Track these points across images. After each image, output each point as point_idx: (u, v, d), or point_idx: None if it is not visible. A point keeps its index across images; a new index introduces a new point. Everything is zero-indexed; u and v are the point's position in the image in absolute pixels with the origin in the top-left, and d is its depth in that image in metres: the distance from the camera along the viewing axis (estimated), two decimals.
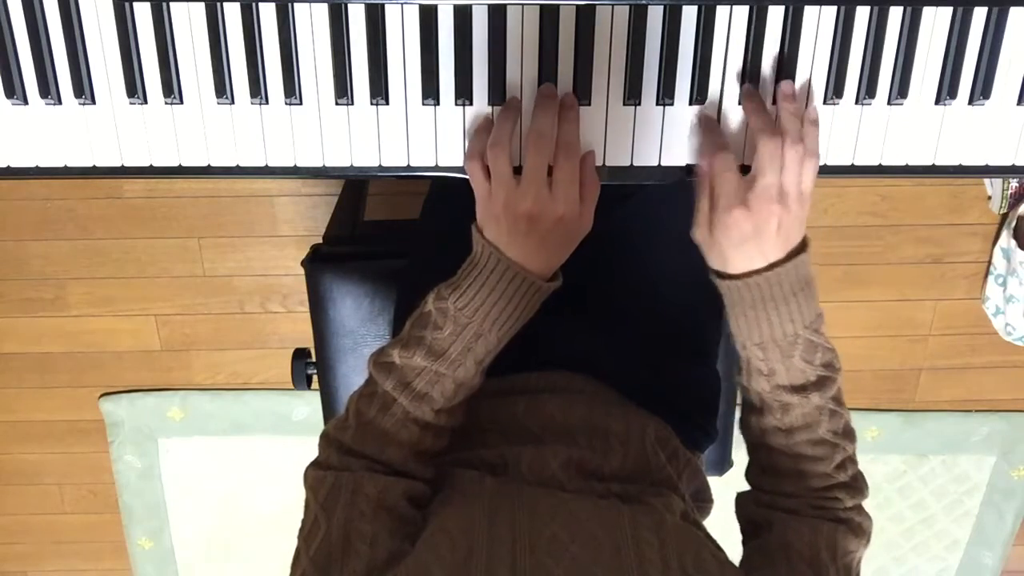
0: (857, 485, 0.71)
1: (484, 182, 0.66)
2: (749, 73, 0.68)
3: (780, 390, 0.69)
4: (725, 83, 0.69)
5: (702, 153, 0.69)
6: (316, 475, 0.66)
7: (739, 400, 0.76)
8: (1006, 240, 1.71)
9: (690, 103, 0.69)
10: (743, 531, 0.75)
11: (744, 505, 0.76)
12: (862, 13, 0.67)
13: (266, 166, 0.71)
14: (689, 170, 0.71)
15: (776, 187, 0.63)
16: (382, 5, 0.66)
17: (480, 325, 0.66)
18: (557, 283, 0.69)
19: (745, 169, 0.66)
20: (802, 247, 0.66)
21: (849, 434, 0.71)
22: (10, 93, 0.68)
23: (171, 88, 0.68)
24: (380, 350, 0.70)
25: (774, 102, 0.69)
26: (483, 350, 0.67)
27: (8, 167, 0.71)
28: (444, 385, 0.67)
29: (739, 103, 0.69)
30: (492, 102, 0.69)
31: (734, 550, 0.68)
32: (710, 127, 0.69)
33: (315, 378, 1.11)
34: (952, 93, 0.69)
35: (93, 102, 0.69)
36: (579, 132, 0.68)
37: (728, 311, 0.69)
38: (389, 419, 0.67)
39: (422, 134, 0.70)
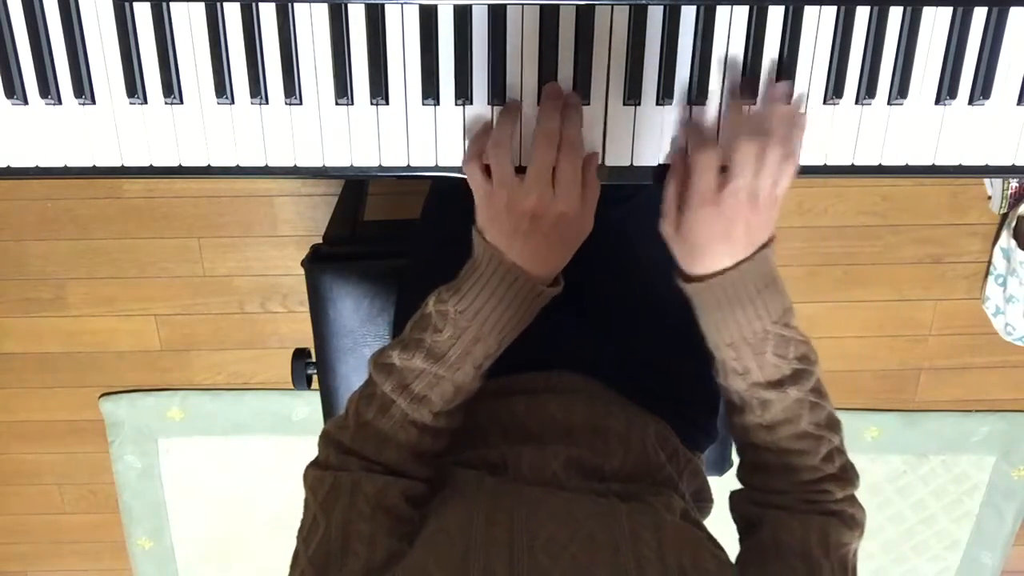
0: (847, 476, 0.70)
1: (484, 183, 0.66)
2: (749, 73, 0.68)
3: (756, 387, 0.68)
4: (726, 83, 0.69)
5: (682, 145, 0.69)
6: (315, 475, 0.66)
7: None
8: (1006, 240, 1.71)
9: (689, 103, 0.69)
10: (739, 529, 0.75)
11: (737, 503, 0.75)
12: (862, 13, 0.67)
13: (266, 166, 0.71)
14: (663, 170, 0.71)
15: (749, 189, 0.63)
16: (382, 5, 0.66)
17: (479, 329, 0.66)
18: (558, 288, 0.69)
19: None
20: (765, 243, 0.66)
21: (833, 425, 0.70)
22: (10, 93, 0.68)
23: (171, 88, 0.68)
24: (380, 351, 0.70)
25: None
26: (482, 354, 0.67)
27: (8, 167, 0.71)
28: (443, 388, 0.67)
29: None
30: (492, 102, 0.69)
31: (735, 550, 0.68)
32: (695, 123, 0.69)
33: (315, 378, 1.11)
34: (952, 93, 0.69)
35: (93, 102, 0.69)
36: (582, 132, 0.68)
37: (697, 314, 0.69)
38: (387, 421, 0.67)
39: (422, 134, 0.70)
